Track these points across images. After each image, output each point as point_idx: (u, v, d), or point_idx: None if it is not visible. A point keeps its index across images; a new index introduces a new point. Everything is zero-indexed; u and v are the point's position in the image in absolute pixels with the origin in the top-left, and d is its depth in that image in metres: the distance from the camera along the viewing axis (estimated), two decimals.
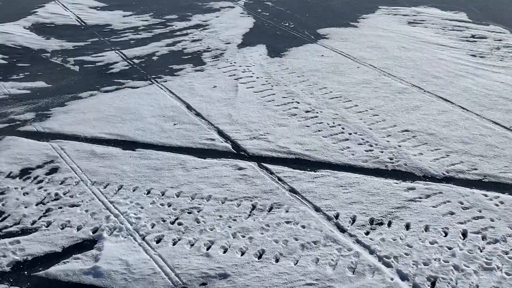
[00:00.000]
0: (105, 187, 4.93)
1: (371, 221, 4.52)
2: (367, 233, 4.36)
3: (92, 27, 8.83)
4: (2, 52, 7.87)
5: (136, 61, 7.63)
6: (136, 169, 5.19)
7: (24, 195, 4.83)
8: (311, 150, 5.47)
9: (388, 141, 5.60)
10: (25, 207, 4.67)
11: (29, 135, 5.81)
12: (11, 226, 4.45)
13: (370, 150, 5.46)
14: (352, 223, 4.47)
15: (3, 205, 4.69)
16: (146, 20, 9.13)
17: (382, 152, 5.42)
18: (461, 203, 4.66)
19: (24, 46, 8.09)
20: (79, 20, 9.13)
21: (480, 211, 4.57)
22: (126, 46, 8.11)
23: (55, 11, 9.56)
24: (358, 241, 4.27)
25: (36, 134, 5.84)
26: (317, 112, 6.20)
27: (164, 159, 5.36)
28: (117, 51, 7.93)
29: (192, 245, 4.24)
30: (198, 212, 4.59)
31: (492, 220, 4.47)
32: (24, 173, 5.14)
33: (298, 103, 6.42)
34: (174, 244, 4.26)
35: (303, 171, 5.15)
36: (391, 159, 5.32)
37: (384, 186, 4.91)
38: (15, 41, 8.26)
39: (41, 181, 5.02)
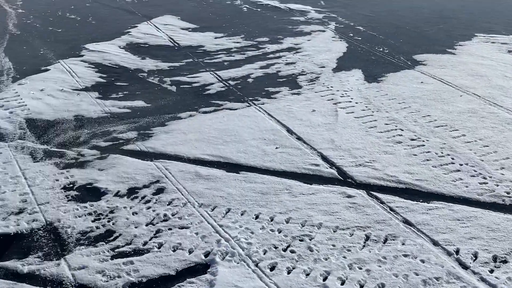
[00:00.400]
0: (212, 210, 4.87)
1: (495, 258, 4.28)
2: (491, 271, 4.12)
3: (185, 48, 8.90)
4: (100, 70, 8.01)
5: (231, 82, 7.62)
6: (242, 192, 5.11)
7: (133, 214, 4.81)
8: (422, 180, 5.26)
9: (503, 174, 5.34)
10: (135, 227, 4.64)
11: (133, 154, 5.83)
12: (123, 246, 4.42)
13: (485, 183, 5.21)
14: (474, 260, 4.24)
15: (113, 224, 4.68)
16: (238, 42, 9.14)
17: (497, 185, 5.17)
18: None
19: (120, 65, 8.21)
20: (172, 41, 9.23)
21: None
22: (221, 68, 8.11)
23: (148, 31, 9.70)
24: (483, 279, 4.04)
25: (140, 153, 5.85)
26: (423, 141, 6.00)
27: (269, 183, 5.26)
28: (212, 72, 7.94)
29: (307, 274, 4.10)
30: (310, 240, 4.46)
31: None
32: (132, 192, 5.14)
33: (402, 130, 6.23)
34: (288, 272, 4.13)
35: (415, 202, 4.95)
36: (508, 193, 5.05)
37: (504, 221, 4.66)
38: (111, 60, 8.41)
39: (148, 201, 5.00)
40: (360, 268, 4.15)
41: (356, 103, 6.93)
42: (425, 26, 9.85)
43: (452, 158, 5.63)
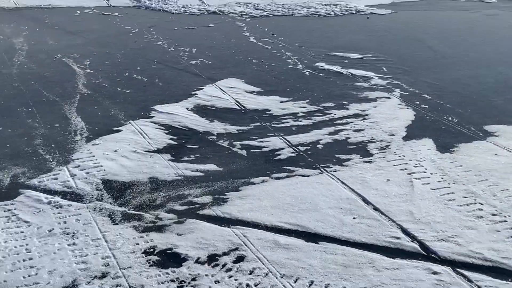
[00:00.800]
0: (295, 281, 4.80)
1: None
2: None
3: (252, 112, 8.98)
4: (171, 132, 8.12)
5: (301, 148, 7.62)
6: (323, 264, 5.04)
7: (215, 283, 4.78)
8: (509, 259, 5.11)
9: None
10: None
11: (210, 219, 5.83)
12: None
13: None
14: None
15: None
16: (303, 107, 9.19)
17: None
18: None
19: (190, 128, 8.32)
20: (238, 104, 9.34)
21: None
22: (289, 133, 8.15)
23: (214, 94, 9.85)
24: None
25: (217, 219, 5.85)
26: (505, 216, 5.85)
27: (350, 255, 5.18)
28: (280, 137, 7.98)
29: None
30: None
31: None
32: (212, 259, 5.12)
33: (482, 204, 6.09)
34: None
35: (504, 281, 4.79)
36: None
37: None
38: (180, 122, 8.53)
39: (230, 270, 4.96)
40: None
41: (431, 173, 6.84)
42: (492, 95, 9.76)
43: None
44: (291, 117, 8.81)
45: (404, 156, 7.36)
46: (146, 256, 5.15)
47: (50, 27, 14.73)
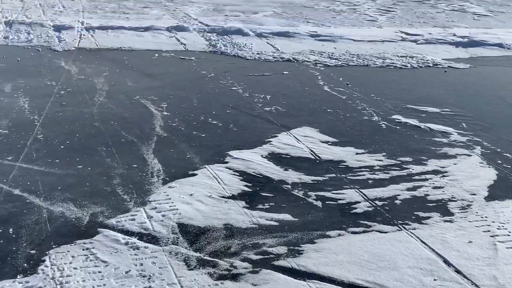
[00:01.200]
0: None
1: None
2: None
3: (327, 162, 8.89)
4: (245, 179, 8.11)
5: (378, 202, 7.45)
6: None
7: None
8: None
9: None
10: None
11: (285, 271, 5.73)
12: None
13: None
14: None
15: None
16: (380, 160, 9.02)
17: None
18: None
19: (264, 175, 8.28)
20: (313, 153, 9.26)
21: None
22: (365, 186, 7.99)
23: (288, 142, 9.82)
24: None
25: (292, 271, 5.74)
26: None
27: None
28: (356, 190, 7.82)
29: None
30: None
31: None
32: None
33: None
34: None
35: None
36: None
37: None
38: (255, 169, 8.51)
39: None
40: None
41: None
42: None
43: None
44: (367, 169, 8.65)
45: (486, 217, 7.08)
46: None
47: (129, 68, 15.15)
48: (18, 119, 10.41)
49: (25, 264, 5.74)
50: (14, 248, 6.04)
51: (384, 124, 11.01)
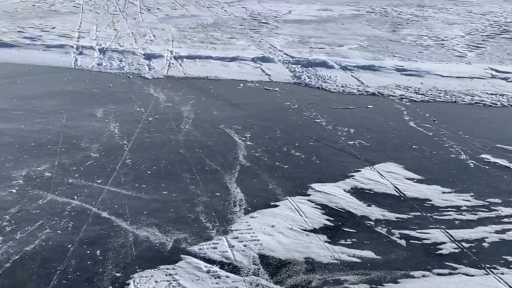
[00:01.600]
0: None
1: None
2: None
3: (411, 200, 8.69)
4: (327, 213, 8.04)
5: (465, 244, 7.19)
6: None
7: None
8: None
9: None
10: None
11: None
12: None
13: None
14: None
15: None
16: (467, 200, 8.73)
17: None
18: None
19: (346, 210, 8.19)
20: (397, 190, 9.08)
21: None
22: (451, 226, 7.75)
23: (372, 177, 9.68)
24: None
25: None
26: None
27: None
28: (442, 230, 7.59)
29: None
30: None
31: None
32: None
33: None
34: None
35: None
36: None
37: None
38: (337, 203, 8.43)
39: None
40: None
41: None
42: None
43: None
44: (454, 209, 8.39)
45: None
46: None
47: (215, 97, 15.44)
48: (108, 144, 10.79)
49: (111, 287, 5.88)
50: (100, 270, 6.22)
51: (472, 163, 10.67)
